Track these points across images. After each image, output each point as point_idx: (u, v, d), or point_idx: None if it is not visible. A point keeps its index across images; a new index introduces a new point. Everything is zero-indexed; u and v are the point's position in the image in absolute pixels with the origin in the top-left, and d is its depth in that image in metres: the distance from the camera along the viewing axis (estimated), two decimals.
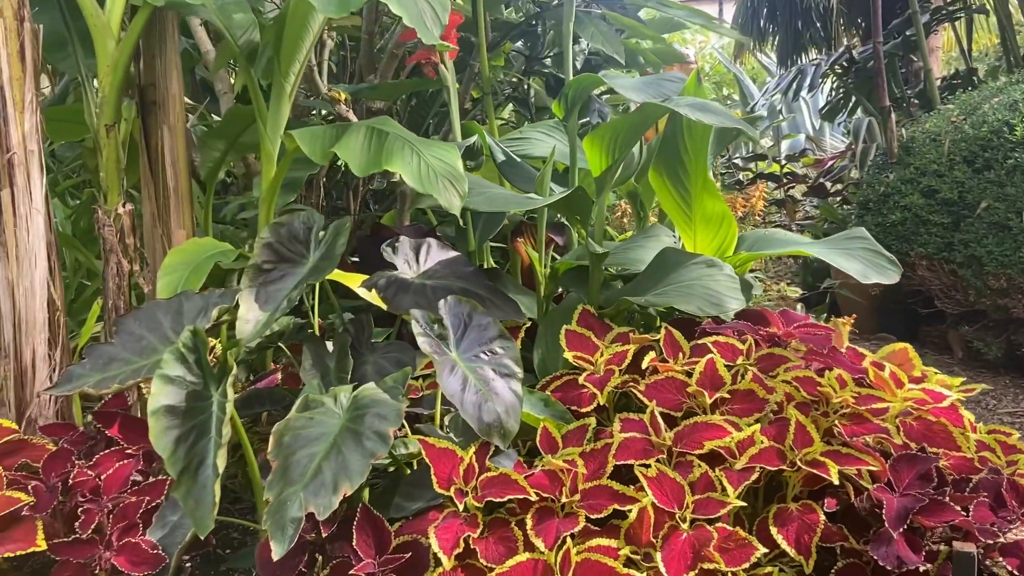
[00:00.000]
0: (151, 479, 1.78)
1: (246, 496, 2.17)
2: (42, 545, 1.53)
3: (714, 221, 2.12)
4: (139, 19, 2.10)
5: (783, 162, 6.15)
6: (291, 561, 1.54)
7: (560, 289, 2.46)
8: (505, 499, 1.51)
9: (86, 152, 2.76)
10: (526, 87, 3.89)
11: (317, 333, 2.10)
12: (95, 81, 2.22)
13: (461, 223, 2.23)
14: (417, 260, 2.17)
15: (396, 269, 2.12)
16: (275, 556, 1.41)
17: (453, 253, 2.21)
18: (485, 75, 3.05)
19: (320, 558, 1.56)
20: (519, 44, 3.92)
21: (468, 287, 2.10)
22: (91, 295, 3.10)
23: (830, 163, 5.55)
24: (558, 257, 2.69)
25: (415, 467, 1.79)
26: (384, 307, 2.25)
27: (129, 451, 1.80)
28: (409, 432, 1.78)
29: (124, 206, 2.21)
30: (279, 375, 2.29)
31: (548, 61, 3.89)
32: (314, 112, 3.45)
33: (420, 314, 1.72)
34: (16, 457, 1.72)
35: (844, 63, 5.62)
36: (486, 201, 2.01)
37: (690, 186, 2.13)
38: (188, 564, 1.88)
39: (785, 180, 5.89)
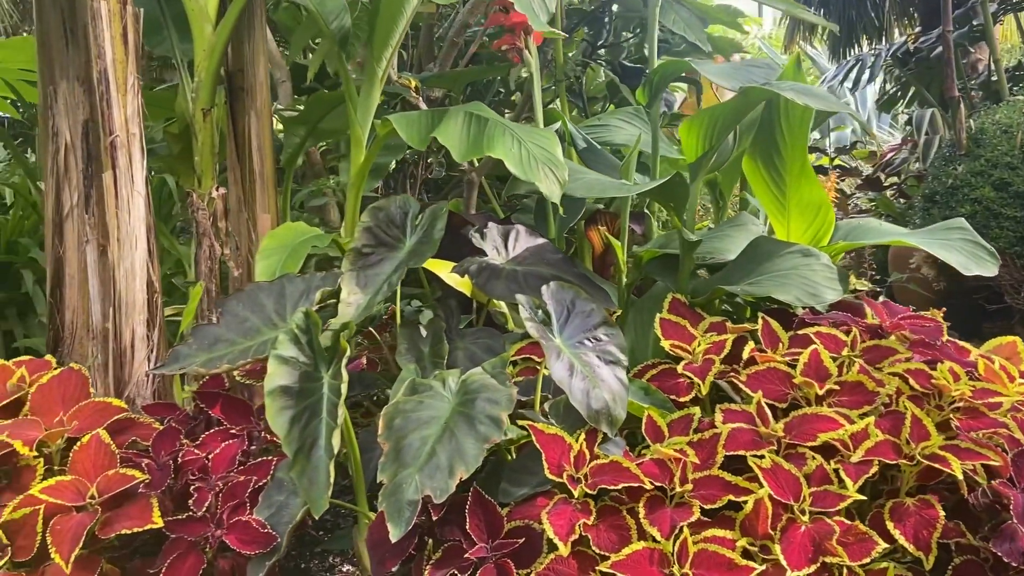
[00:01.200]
0: (251, 460, 1.80)
1: (339, 478, 2.19)
2: (158, 522, 1.55)
3: (810, 209, 2.08)
4: (236, 4, 2.11)
5: (832, 155, 6.04)
6: (403, 543, 1.54)
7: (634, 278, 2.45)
8: (619, 487, 1.50)
9: (170, 137, 2.79)
10: (577, 77, 3.83)
11: (398, 319, 2.11)
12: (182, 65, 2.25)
13: (562, 211, 2.21)
14: (506, 246, 2.16)
15: (482, 255, 2.11)
16: (393, 538, 1.42)
17: (541, 240, 2.20)
18: (559, 63, 3.03)
19: (430, 541, 1.57)
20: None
21: (558, 274, 2.08)
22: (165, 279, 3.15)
23: (889, 155, 5.44)
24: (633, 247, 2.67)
25: (513, 453, 1.79)
26: (467, 293, 2.26)
27: (233, 431, 1.82)
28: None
29: (217, 190, 2.23)
30: (364, 359, 2.31)
31: (601, 51, 3.86)
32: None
33: (525, 299, 1.71)
34: (125, 435, 1.75)
35: (900, 54, 5.49)
36: (584, 187, 2.00)
37: (785, 173, 2.09)
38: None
39: (835, 172, 5.79)
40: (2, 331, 3.23)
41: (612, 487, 1.50)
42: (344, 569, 1.99)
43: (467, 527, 1.50)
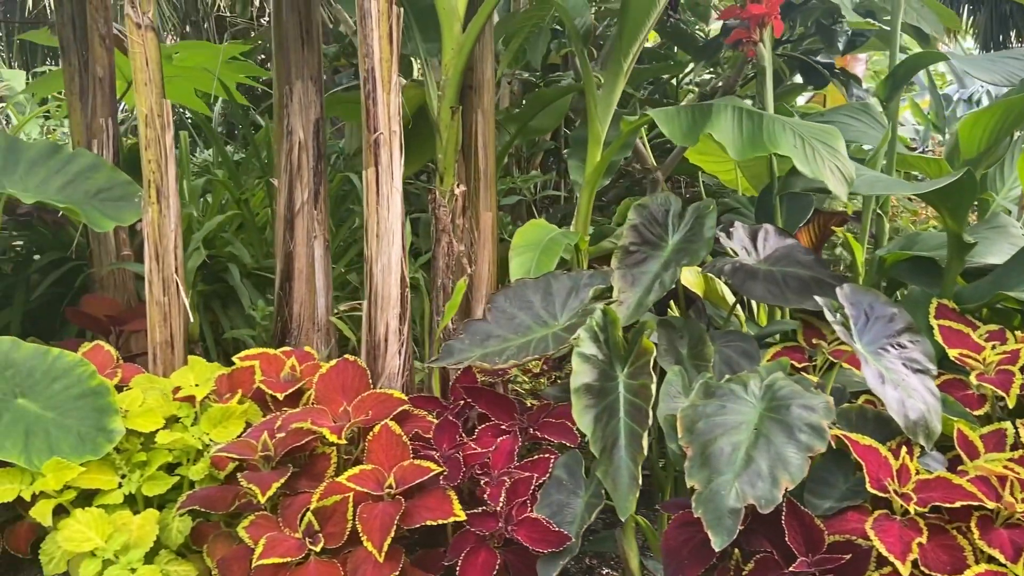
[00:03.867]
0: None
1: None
2: (460, 515, 1.56)
3: None
4: (489, 3, 2.12)
5: None
6: (702, 552, 1.50)
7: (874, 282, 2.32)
8: (955, 504, 1.40)
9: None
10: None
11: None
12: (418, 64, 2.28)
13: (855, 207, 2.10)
14: (755, 246, 2.08)
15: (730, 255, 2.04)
16: (716, 547, 1.37)
17: (791, 240, 2.11)
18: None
19: (737, 552, 1.51)
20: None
21: (817, 275, 1.99)
22: None
23: None
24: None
25: None
26: (699, 293, 2.19)
27: (503, 427, 1.82)
28: None
29: (458, 187, 2.25)
30: None
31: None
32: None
33: (826, 303, 1.64)
34: (407, 427, 1.78)
35: None
36: (866, 184, 1.90)
37: None
38: None
39: None
40: (208, 322, 3.38)
41: (947, 504, 1.41)
42: (603, 572, 1.96)
43: (785, 538, 1.43)
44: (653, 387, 1.49)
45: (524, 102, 2.85)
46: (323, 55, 2.76)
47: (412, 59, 3.79)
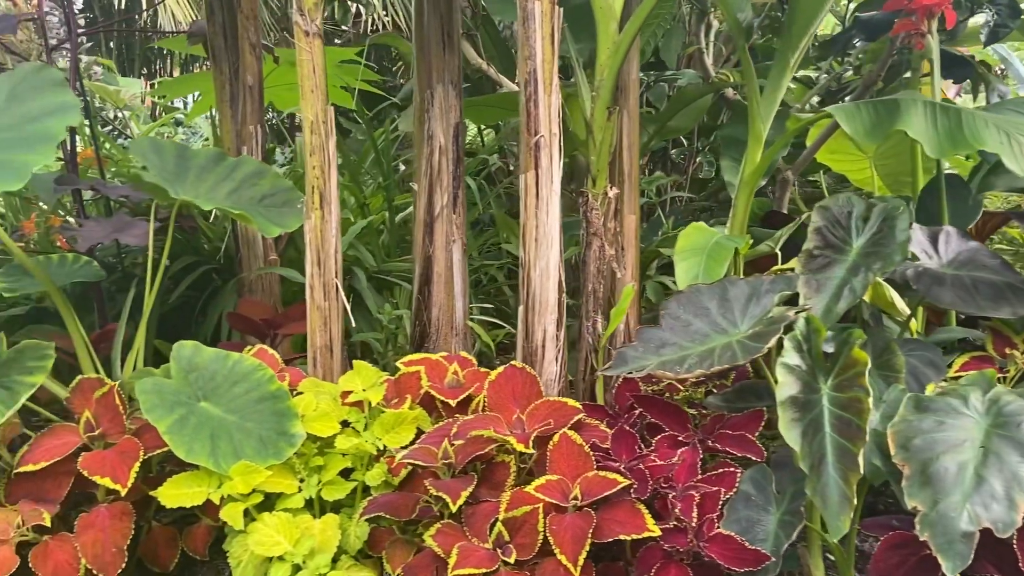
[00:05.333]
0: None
1: None
2: (655, 530, 1.51)
3: None
4: (647, 3, 2.06)
5: None
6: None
7: None
8: None
9: (509, 132, 2.85)
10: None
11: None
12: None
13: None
14: (936, 249, 1.97)
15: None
16: (949, 572, 1.28)
17: (974, 243, 1.98)
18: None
19: None
20: None
21: (1009, 280, 1.87)
22: None
23: None
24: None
25: None
26: (865, 299, 2.07)
27: (680, 438, 1.76)
28: None
29: (612, 190, 2.20)
30: (748, 367, 2.20)
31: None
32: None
33: None
34: (582, 436, 1.73)
35: None
36: None
37: None
38: None
39: None
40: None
41: None
42: None
43: (1020, 564, 1.33)
44: (870, 401, 1.41)
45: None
46: None
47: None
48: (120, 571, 1.65)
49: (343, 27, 7.20)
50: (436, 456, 1.66)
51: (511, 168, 4.62)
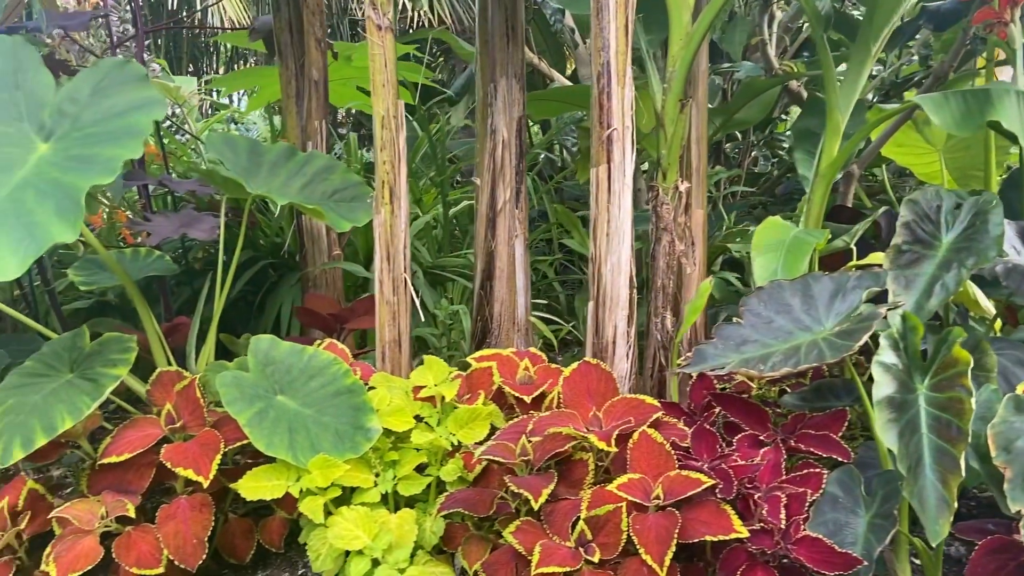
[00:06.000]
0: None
1: None
2: (742, 532, 1.47)
3: None
4: None
5: None
6: None
7: None
8: None
9: (582, 132, 2.82)
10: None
11: None
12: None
13: None
14: None
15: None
16: None
17: None
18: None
19: None
20: None
21: None
22: None
23: None
24: None
25: None
26: None
27: (761, 437, 1.73)
28: None
29: (683, 184, 2.16)
30: (824, 366, 2.14)
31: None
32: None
33: None
34: (661, 434, 1.71)
35: None
36: None
37: None
38: None
39: None
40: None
41: None
42: None
43: None
44: (972, 402, 1.35)
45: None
46: None
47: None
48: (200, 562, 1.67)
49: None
50: (514, 453, 1.64)
51: (560, 163, 4.59)
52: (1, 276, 1.41)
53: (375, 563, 1.60)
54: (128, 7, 3.15)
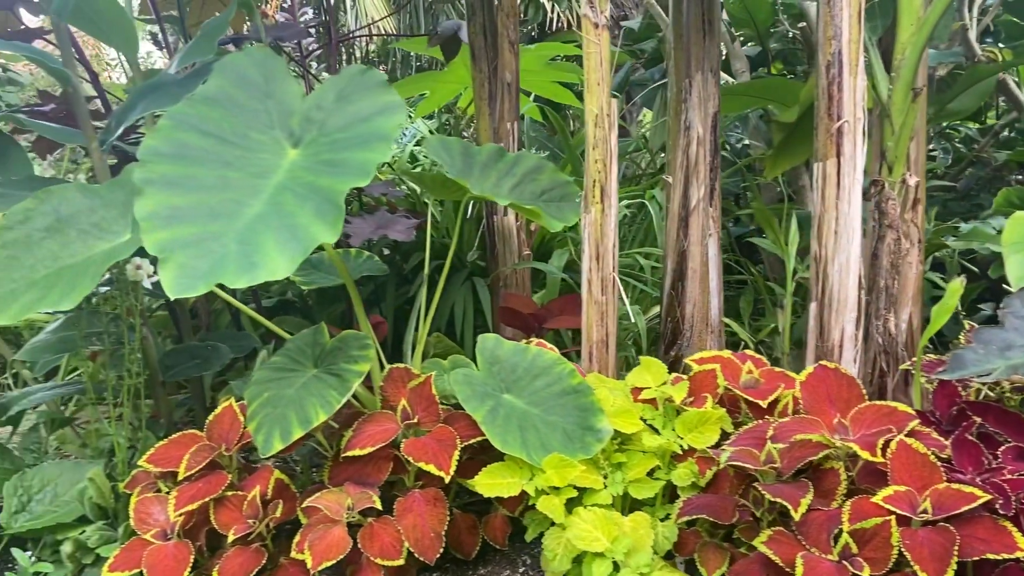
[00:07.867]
0: None
1: None
2: None
3: None
4: None
5: None
6: None
7: None
8: None
9: (775, 126, 2.72)
10: None
11: None
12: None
13: None
14: None
15: None
16: None
17: None
18: None
19: None
20: None
21: None
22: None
23: None
24: None
25: None
26: None
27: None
28: None
29: (911, 178, 2.03)
30: None
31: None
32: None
33: None
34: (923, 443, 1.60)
35: None
36: None
37: None
38: None
39: None
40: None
41: None
42: None
43: None
44: None
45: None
46: None
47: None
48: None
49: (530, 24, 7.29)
50: (758, 459, 1.58)
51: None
52: (272, 275, 1.47)
53: (616, 566, 1.57)
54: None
